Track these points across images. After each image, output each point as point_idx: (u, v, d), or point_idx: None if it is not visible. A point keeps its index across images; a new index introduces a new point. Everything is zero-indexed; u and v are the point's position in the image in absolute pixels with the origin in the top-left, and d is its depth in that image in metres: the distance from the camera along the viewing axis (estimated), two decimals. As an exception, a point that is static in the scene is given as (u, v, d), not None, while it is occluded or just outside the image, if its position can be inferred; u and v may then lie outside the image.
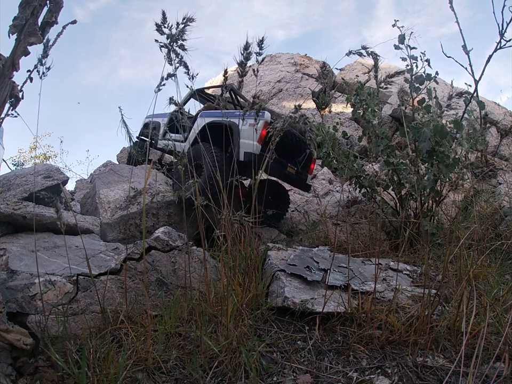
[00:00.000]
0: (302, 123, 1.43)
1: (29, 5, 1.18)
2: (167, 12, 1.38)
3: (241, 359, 1.23)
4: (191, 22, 1.32)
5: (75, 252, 1.95)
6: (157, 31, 1.37)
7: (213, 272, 1.93)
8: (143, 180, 3.27)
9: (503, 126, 6.52)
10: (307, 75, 8.00)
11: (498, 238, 2.40)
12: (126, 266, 1.71)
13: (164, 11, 1.37)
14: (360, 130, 6.69)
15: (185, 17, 1.32)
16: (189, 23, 1.32)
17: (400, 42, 2.61)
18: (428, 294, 1.39)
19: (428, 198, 2.80)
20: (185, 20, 1.32)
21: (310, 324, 1.54)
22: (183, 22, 1.32)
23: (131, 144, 4.69)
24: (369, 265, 2.15)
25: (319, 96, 6.72)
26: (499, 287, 1.65)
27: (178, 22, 1.33)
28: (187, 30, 1.32)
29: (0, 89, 1.19)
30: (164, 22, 1.37)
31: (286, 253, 2.10)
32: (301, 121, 1.43)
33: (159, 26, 1.36)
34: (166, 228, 2.02)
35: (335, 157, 3.47)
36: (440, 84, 6.14)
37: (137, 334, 1.37)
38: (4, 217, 2.01)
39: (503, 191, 3.86)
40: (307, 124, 1.43)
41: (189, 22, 1.32)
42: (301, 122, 1.43)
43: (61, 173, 2.88)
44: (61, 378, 1.17)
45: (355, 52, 1.50)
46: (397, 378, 1.18)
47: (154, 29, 1.36)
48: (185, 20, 1.32)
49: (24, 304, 1.39)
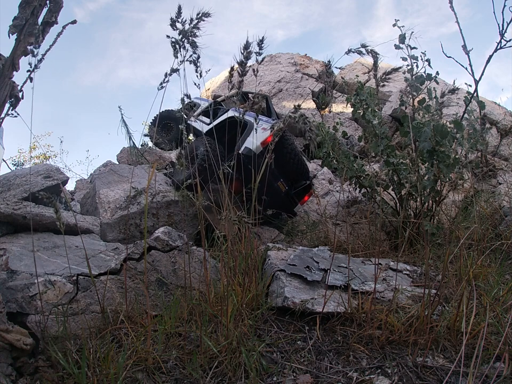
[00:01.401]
0: (301, 123, 1.43)
1: (29, 5, 1.18)
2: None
3: (241, 359, 1.23)
4: (207, 17, 1.29)
5: (75, 252, 1.95)
6: (171, 26, 1.33)
7: (213, 272, 1.93)
8: (143, 180, 3.27)
9: (503, 126, 6.52)
10: (307, 75, 8.00)
11: (498, 238, 2.40)
12: (126, 266, 1.71)
13: (180, 5, 1.33)
14: (360, 130, 6.69)
15: (200, 12, 1.28)
16: (204, 18, 1.29)
17: (401, 42, 2.61)
18: (428, 294, 1.39)
19: (428, 198, 2.80)
20: (200, 15, 1.29)
21: (310, 324, 1.54)
22: (198, 17, 1.29)
23: (131, 144, 4.70)
24: (369, 265, 2.15)
25: (319, 96, 6.72)
26: (499, 287, 1.65)
27: (192, 18, 1.29)
28: (201, 25, 1.29)
29: (0, 89, 1.19)
30: (179, 17, 1.34)
31: (286, 253, 2.10)
32: (301, 121, 1.42)
33: (173, 21, 1.33)
34: (166, 228, 2.02)
35: (335, 157, 3.47)
36: (440, 83, 6.14)
37: (137, 334, 1.37)
38: (4, 217, 2.01)
39: (503, 191, 3.86)
40: (306, 124, 1.43)
41: (204, 16, 1.29)
42: (300, 122, 1.43)
43: (61, 173, 2.88)
44: (61, 378, 1.17)
45: (354, 50, 1.50)
46: (397, 378, 1.18)
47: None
48: (200, 15, 1.29)
49: (24, 304, 1.39)
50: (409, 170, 2.86)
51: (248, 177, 1.74)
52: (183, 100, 1.57)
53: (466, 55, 4.06)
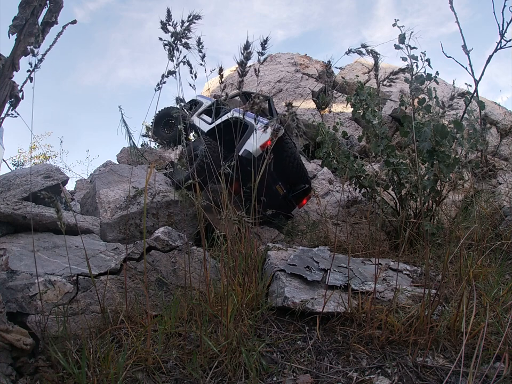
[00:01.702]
0: (290, 119, 1.44)
1: (29, 5, 1.18)
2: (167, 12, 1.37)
3: (241, 359, 1.23)
4: (197, 20, 1.31)
5: (75, 252, 1.95)
6: (162, 29, 1.35)
7: (213, 272, 1.93)
8: (143, 180, 3.27)
9: (503, 126, 6.52)
10: (307, 75, 8.00)
11: (498, 238, 2.40)
12: (126, 266, 1.71)
13: (168, 8, 1.35)
14: (360, 130, 6.68)
15: (191, 15, 1.30)
16: (195, 20, 1.30)
17: (401, 42, 2.61)
18: (428, 294, 1.39)
19: (428, 198, 2.80)
20: (191, 17, 1.30)
21: (310, 324, 1.54)
22: (189, 19, 1.30)
23: (131, 143, 4.71)
24: (369, 265, 2.15)
25: (319, 96, 6.72)
26: (499, 287, 1.65)
27: (183, 20, 1.31)
28: (192, 28, 1.31)
29: (0, 89, 1.19)
30: (169, 20, 1.35)
31: (286, 253, 2.10)
32: (289, 118, 1.44)
33: (164, 24, 1.35)
34: (166, 227, 2.02)
35: (335, 157, 3.47)
36: (440, 83, 6.14)
37: (137, 334, 1.37)
38: (4, 217, 2.01)
39: (503, 191, 3.86)
40: (294, 121, 1.44)
41: (194, 19, 1.30)
42: (289, 119, 1.44)
43: (61, 173, 2.88)
44: (61, 378, 1.17)
45: (355, 51, 1.50)
46: (397, 378, 1.18)
47: (155, 28, 1.35)
48: (191, 17, 1.30)
49: (24, 304, 1.39)
50: (409, 170, 2.86)
51: (247, 178, 1.74)
52: (178, 100, 1.58)
53: (466, 55, 4.07)
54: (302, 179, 3.67)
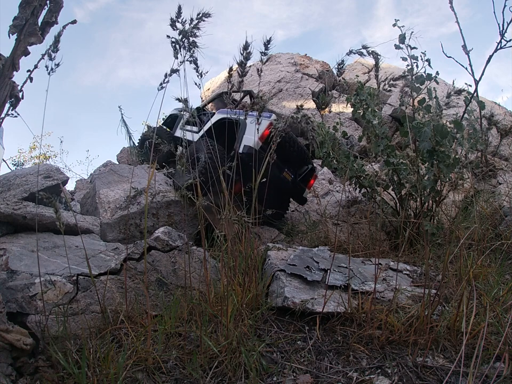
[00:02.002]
0: (304, 123, 1.43)
1: (29, 5, 1.18)
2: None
3: (241, 359, 1.23)
4: (207, 17, 1.29)
5: (75, 252, 1.95)
6: (170, 26, 1.33)
7: (213, 272, 1.93)
8: (143, 180, 3.27)
9: (503, 126, 6.52)
10: (307, 75, 8.00)
11: (498, 238, 2.40)
12: (126, 266, 1.71)
13: (180, 5, 1.32)
14: (360, 130, 6.68)
15: (200, 12, 1.28)
16: (204, 18, 1.28)
17: (401, 42, 2.61)
18: (428, 294, 1.39)
19: (428, 198, 2.80)
20: (200, 15, 1.28)
21: (310, 324, 1.54)
22: (198, 17, 1.28)
23: (131, 143, 4.72)
24: (369, 265, 2.15)
25: (319, 96, 6.72)
26: (499, 287, 1.65)
27: (192, 18, 1.29)
28: (201, 25, 1.28)
29: (0, 89, 1.19)
30: (179, 17, 1.33)
31: (286, 253, 2.10)
32: (303, 121, 1.42)
33: (173, 21, 1.33)
34: (166, 227, 2.02)
35: (335, 157, 3.47)
36: (440, 83, 6.14)
37: (137, 334, 1.37)
38: (4, 217, 2.01)
39: (503, 191, 3.86)
40: (309, 124, 1.42)
41: (204, 17, 1.28)
42: (303, 123, 1.42)
43: (61, 173, 2.88)
44: (61, 378, 1.17)
45: (356, 52, 1.50)
46: (397, 378, 1.18)
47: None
48: (200, 15, 1.28)
49: (24, 304, 1.39)
50: (409, 170, 2.85)
51: (249, 177, 1.74)
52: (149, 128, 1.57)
53: (466, 55, 4.07)
54: (305, 160, 3.74)
